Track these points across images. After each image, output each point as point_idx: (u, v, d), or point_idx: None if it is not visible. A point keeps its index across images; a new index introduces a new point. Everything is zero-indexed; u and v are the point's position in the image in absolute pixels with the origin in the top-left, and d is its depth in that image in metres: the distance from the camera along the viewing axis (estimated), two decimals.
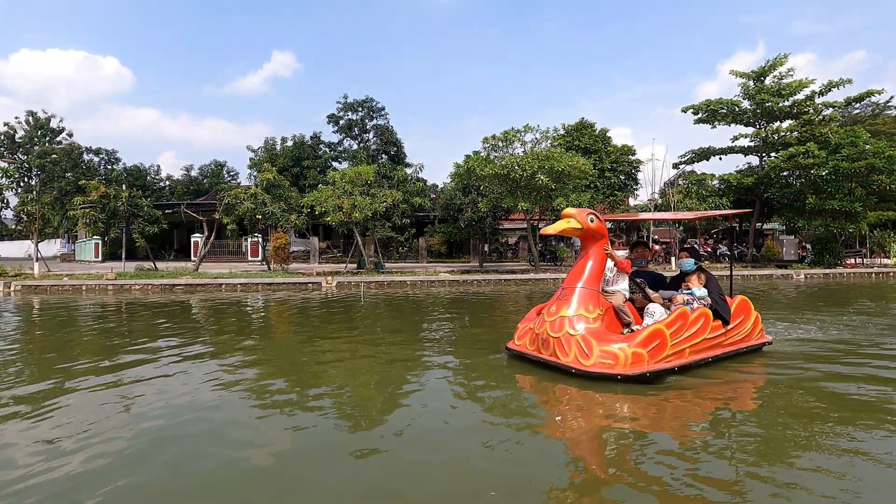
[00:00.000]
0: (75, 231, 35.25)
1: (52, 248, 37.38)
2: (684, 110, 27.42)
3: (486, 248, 25.55)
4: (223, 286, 15.50)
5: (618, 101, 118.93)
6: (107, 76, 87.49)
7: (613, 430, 3.78)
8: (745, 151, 27.69)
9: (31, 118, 47.42)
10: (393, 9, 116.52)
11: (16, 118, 49.64)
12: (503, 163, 18.98)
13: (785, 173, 25.18)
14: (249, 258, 27.77)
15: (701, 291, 5.57)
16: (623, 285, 5.55)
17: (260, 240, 27.11)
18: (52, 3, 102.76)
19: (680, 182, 28.68)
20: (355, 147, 31.21)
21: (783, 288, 16.15)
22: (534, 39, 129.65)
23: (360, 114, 31.29)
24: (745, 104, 25.88)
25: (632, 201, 30.08)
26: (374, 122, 31.56)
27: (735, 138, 27.44)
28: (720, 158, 28.48)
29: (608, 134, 29.33)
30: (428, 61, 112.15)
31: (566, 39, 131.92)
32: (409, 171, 25.96)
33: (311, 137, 31.67)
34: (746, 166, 28.45)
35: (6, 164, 23.71)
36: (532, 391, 4.78)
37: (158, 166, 49.56)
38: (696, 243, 26.39)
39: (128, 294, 14.27)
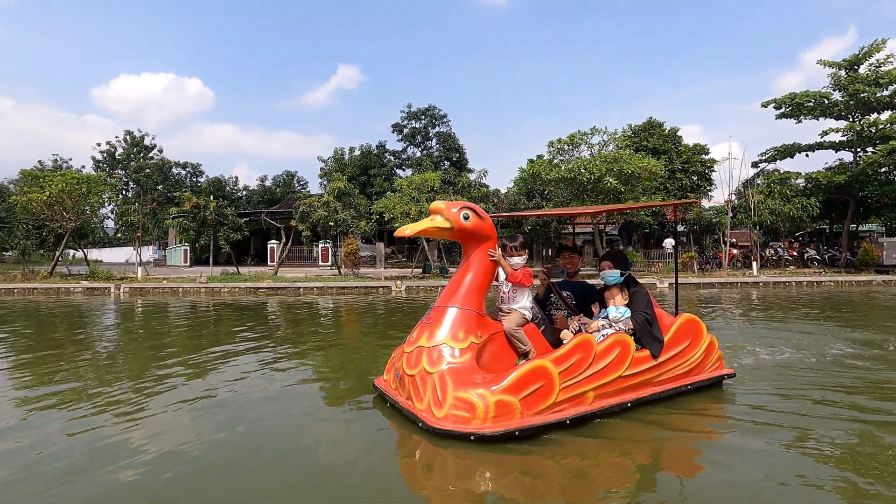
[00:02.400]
0: (165, 238, 38.59)
1: (146, 254, 41.19)
2: (764, 105, 25.70)
3: (552, 252, 25.21)
4: (301, 289, 16.41)
5: (685, 98, 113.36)
6: (191, 96, 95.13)
7: None
8: (835, 147, 25.48)
9: (128, 137, 52.74)
10: (450, 17, 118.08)
11: (115, 137, 55.04)
12: (569, 166, 18.74)
13: (884, 169, 22.94)
14: (320, 263, 29.10)
15: (617, 312, 4.17)
16: (523, 303, 4.13)
17: (330, 245, 28.37)
18: (146, 30, 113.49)
19: (759, 182, 26.87)
20: (419, 154, 31.93)
21: (885, 296, 14.73)
22: (591, 39, 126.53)
23: (422, 122, 32.02)
24: (836, 96, 23.86)
25: (705, 203, 28.59)
26: (437, 129, 32.17)
27: (824, 133, 25.34)
28: (807, 155, 26.43)
29: (678, 133, 28.14)
30: (485, 67, 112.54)
31: (626, 36, 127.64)
32: (472, 176, 26.22)
33: (377, 146, 32.79)
34: (838, 163, 26.21)
35: (115, 181, 26.33)
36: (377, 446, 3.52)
37: (236, 177, 53.23)
38: (779, 247, 24.59)
39: (218, 296, 15.47)
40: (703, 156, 27.90)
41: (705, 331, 4.51)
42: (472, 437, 3.30)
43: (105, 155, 51.43)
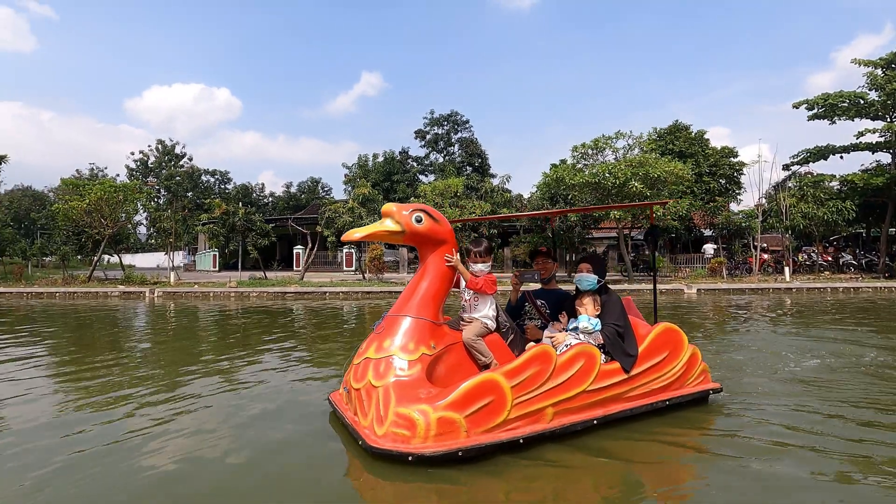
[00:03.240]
0: (195, 244, 39.68)
1: (176, 259, 42.41)
2: (796, 106, 25.01)
3: (576, 258, 24.98)
4: (327, 294, 16.69)
5: (713, 101, 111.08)
6: (220, 105, 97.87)
7: None
8: (872, 148, 24.60)
9: (160, 146, 54.54)
10: (473, 24, 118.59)
11: (148, 146, 56.91)
12: (594, 171, 18.59)
13: None
14: (345, 268, 29.53)
15: (588, 323, 3.82)
16: (485, 311, 3.84)
17: (354, 251, 28.75)
18: (177, 43, 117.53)
19: (791, 185, 26.14)
20: (441, 160, 32.13)
21: None
22: (615, 43, 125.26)
23: (445, 128, 32.24)
24: (872, 95, 23.08)
25: (734, 207, 27.93)
26: (459, 135, 32.33)
27: (860, 134, 24.49)
28: (841, 157, 25.53)
29: (705, 136, 27.61)
30: (507, 72, 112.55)
31: (651, 40, 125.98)
32: (495, 182, 26.26)
33: (400, 153, 33.14)
34: (875, 165, 25.30)
35: (149, 188, 27.26)
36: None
37: (263, 184, 54.31)
38: (812, 251, 23.84)
39: (247, 300, 15.85)
40: (732, 158, 27.28)
41: (686, 341, 4.13)
42: (410, 458, 3.01)
43: (138, 163, 53.27)
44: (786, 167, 27.96)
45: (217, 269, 31.75)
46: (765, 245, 24.19)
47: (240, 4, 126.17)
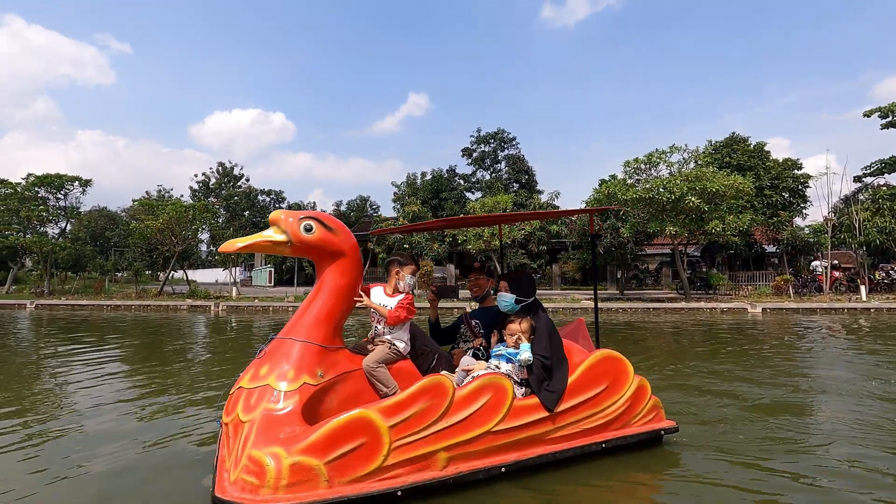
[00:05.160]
0: (251, 261, 41.57)
1: (234, 275, 44.58)
2: (867, 114, 23.63)
3: (626, 275, 24.35)
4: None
5: (770, 111, 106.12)
6: (275, 129, 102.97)
7: None
8: None
9: (220, 168, 57.87)
10: (519, 41, 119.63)
11: (210, 168, 60.42)
12: (647, 186, 18.19)
13: None
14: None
15: (521, 355, 3.21)
16: (397, 333, 3.36)
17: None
18: (237, 71, 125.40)
19: (863, 198, 24.50)
20: (488, 177, 32.35)
21: None
22: (662, 56, 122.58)
23: (492, 145, 32.50)
24: None
25: (799, 221, 26.45)
26: (506, 152, 32.48)
27: None
28: None
29: (765, 147, 26.43)
30: (553, 89, 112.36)
31: (699, 50, 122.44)
32: (543, 198, 26.12)
33: (447, 170, 33.63)
34: None
35: (215, 208, 29.01)
36: None
37: (314, 203, 56.31)
38: (891, 269, 22.10)
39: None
40: (795, 171, 25.96)
41: (631, 371, 3.52)
42: None
43: (200, 184, 56.62)
44: (857, 179, 26.36)
45: (272, 284, 33.08)
46: (836, 262, 22.68)
47: (295, 34, 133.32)
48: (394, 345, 3.31)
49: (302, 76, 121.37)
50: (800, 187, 25.96)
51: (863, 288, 18.70)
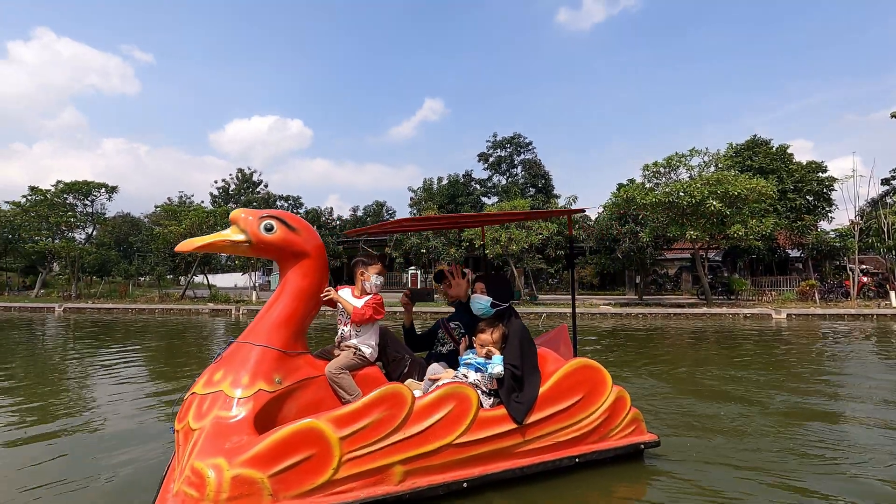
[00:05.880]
0: (270, 265, 42.15)
1: (254, 279, 45.23)
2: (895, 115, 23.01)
3: (645, 279, 24.05)
4: (397, 313, 17.10)
5: (792, 112, 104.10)
6: (293, 135, 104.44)
7: None
8: None
9: (239, 174, 58.95)
10: (533, 46, 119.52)
11: (229, 174, 61.53)
12: (667, 190, 17.98)
13: None
14: (410, 287, 30.16)
15: (493, 369, 3.04)
16: (364, 337, 3.21)
17: (419, 272, 29.36)
18: (256, 79, 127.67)
19: (892, 201, 23.87)
20: (504, 182, 32.33)
21: None
22: (680, 58, 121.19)
23: (508, 150, 32.50)
24: None
25: (825, 225, 25.83)
26: (522, 156, 32.46)
27: None
28: None
29: (788, 150, 25.92)
30: (569, 93, 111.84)
31: (719, 52, 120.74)
32: (561, 202, 26.00)
33: (464, 175, 33.70)
34: None
35: None
36: None
37: (331, 208, 56.97)
38: None
39: (323, 318, 16.59)
40: (820, 173, 25.38)
41: (609, 381, 3.33)
42: None
43: (220, 190, 57.72)
44: (885, 182, 25.66)
45: None
46: (865, 267, 22.10)
47: (312, 43, 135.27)
48: (359, 350, 3.15)
49: (319, 83, 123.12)
50: (825, 190, 25.36)
51: (892, 293, 18.18)
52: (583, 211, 4.30)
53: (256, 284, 40.57)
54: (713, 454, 3.67)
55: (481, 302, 3.31)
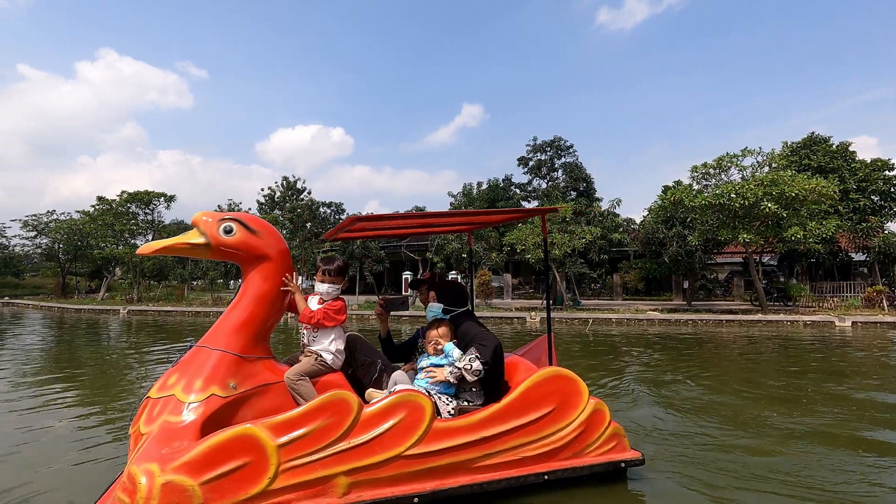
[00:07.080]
0: (314, 269, 43.45)
1: (300, 282, 46.55)
2: None
3: (694, 285, 23.21)
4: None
5: (850, 108, 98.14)
6: (335, 143, 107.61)
7: None
8: None
9: (284, 182, 61.18)
10: (572, 49, 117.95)
11: (275, 182, 64.06)
12: (717, 192, 17.33)
13: None
14: None
15: (454, 353, 3.08)
16: (325, 344, 3.14)
17: (458, 277, 29.46)
18: (300, 90, 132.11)
19: None
20: (544, 186, 32.02)
21: None
22: (721, 60, 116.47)
23: (548, 153, 32.15)
24: None
25: (893, 227, 24.16)
26: (563, 160, 32.03)
27: None
28: None
29: (849, 147, 24.44)
30: (608, 95, 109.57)
31: (762, 52, 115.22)
32: (604, 205, 25.51)
33: (503, 180, 33.61)
34: None
35: (284, 220, 30.69)
36: None
37: (372, 214, 58.13)
38: None
39: (367, 321, 16.96)
40: (886, 171, 23.80)
41: (586, 393, 3.13)
42: None
43: (266, 198, 60.01)
44: None
45: None
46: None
47: (354, 54, 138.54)
48: (320, 356, 3.10)
49: (360, 91, 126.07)
50: (892, 190, 23.77)
51: None
52: (555, 210, 4.33)
53: (302, 288, 41.98)
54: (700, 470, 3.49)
55: (433, 310, 3.36)
